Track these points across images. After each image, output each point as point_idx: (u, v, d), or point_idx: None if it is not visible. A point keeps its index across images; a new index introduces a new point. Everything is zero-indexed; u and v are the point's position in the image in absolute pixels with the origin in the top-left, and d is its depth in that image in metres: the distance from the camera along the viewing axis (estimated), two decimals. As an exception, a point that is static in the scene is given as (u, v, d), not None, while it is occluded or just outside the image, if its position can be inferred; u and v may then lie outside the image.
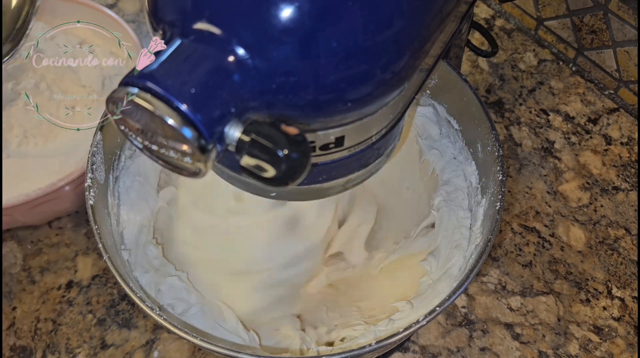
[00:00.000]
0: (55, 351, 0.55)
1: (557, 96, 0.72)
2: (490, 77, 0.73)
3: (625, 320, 0.57)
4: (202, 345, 0.37)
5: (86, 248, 0.61)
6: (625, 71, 0.68)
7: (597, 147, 0.68)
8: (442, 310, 0.38)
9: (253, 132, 0.24)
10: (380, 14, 0.25)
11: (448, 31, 0.31)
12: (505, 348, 0.55)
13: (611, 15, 0.65)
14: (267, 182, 0.25)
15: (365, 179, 0.37)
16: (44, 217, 0.60)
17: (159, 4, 0.27)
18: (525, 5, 0.75)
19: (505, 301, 0.58)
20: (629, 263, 0.60)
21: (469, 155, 0.50)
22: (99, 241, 0.41)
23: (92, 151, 0.45)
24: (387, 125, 0.33)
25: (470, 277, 0.39)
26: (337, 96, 0.26)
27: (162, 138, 0.24)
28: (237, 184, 0.35)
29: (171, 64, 0.24)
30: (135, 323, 0.56)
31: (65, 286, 0.58)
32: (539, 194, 0.64)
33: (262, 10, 0.24)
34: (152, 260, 0.48)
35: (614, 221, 0.62)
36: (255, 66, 0.24)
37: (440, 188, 0.52)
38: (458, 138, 0.52)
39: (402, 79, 0.28)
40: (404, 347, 0.55)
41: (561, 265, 0.60)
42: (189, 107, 0.23)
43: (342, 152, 0.31)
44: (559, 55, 0.75)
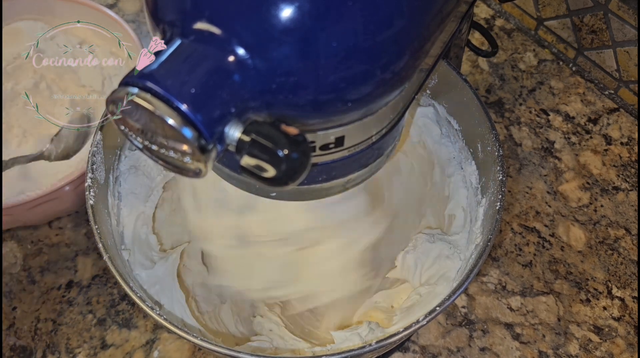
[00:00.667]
0: (55, 351, 0.55)
1: (557, 96, 0.72)
2: (490, 77, 0.73)
3: (625, 320, 0.57)
4: (202, 345, 0.37)
5: (86, 248, 0.61)
6: (625, 71, 0.68)
7: (597, 147, 0.68)
8: (442, 310, 0.38)
9: (253, 132, 0.24)
10: (380, 14, 0.25)
11: (448, 31, 0.31)
12: (505, 348, 0.55)
13: (611, 15, 0.65)
14: (267, 182, 0.25)
15: (365, 179, 0.37)
16: (44, 217, 0.60)
17: (159, 4, 0.27)
18: (525, 5, 0.75)
19: (505, 301, 0.58)
20: (629, 263, 0.60)
21: (469, 155, 0.50)
22: (99, 241, 0.41)
23: (92, 151, 0.45)
24: (387, 125, 0.33)
25: (470, 277, 0.39)
26: (337, 96, 0.26)
27: (162, 138, 0.24)
28: (237, 184, 0.35)
29: (171, 64, 0.24)
30: (135, 323, 0.56)
31: (65, 286, 0.58)
32: (539, 194, 0.64)
33: (262, 10, 0.24)
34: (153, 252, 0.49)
35: (614, 221, 0.62)
36: (255, 66, 0.24)
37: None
38: (458, 138, 0.52)
39: (402, 79, 0.28)
40: (404, 347, 0.55)
41: (561, 265, 0.60)
42: (189, 107, 0.23)
43: (342, 152, 0.31)
44: (559, 55, 0.75)
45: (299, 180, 0.25)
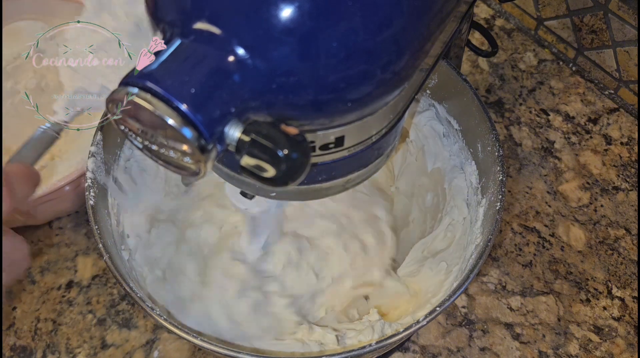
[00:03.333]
0: (55, 351, 0.55)
1: (557, 96, 0.72)
2: (490, 77, 0.73)
3: (625, 320, 0.57)
4: (202, 345, 0.37)
5: (86, 248, 0.61)
6: (625, 71, 0.68)
7: (597, 147, 0.68)
8: (442, 310, 0.38)
9: (253, 132, 0.24)
10: (380, 14, 0.25)
11: (448, 31, 0.31)
12: (505, 348, 0.55)
13: (611, 15, 0.65)
14: (267, 182, 0.25)
15: (365, 179, 0.37)
16: (44, 217, 0.60)
17: (159, 4, 0.27)
18: (525, 5, 0.75)
19: (505, 301, 0.58)
20: (629, 263, 0.60)
21: (469, 155, 0.50)
22: (99, 241, 0.41)
23: (92, 151, 0.45)
24: (387, 125, 0.33)
25: (470, 277, 0.39)
26: (337, 96, 0.26)
27: (162, 138, 0.24)
28: (237, 184, 0.35)
29: (171, 64, 0.24)
30: (135, 323, 0.56)
31: (65, 286, 0.58)
32: (539, 194, 0.64)
33: (262, 10, 0.24)
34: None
35: (614, 221, 0.62)
36: (255, 66, 0.24)
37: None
38: (458, 138, 0.52)
39: (402, 79, 0.28)
40: (404, 347, 0.55)
41: (561, 265, 0.60)
42: (189, 107, 0.23)
43: (342, 152, 0.31)
44: (559, 55, 0.75)
45: (299, 180, 0.25)
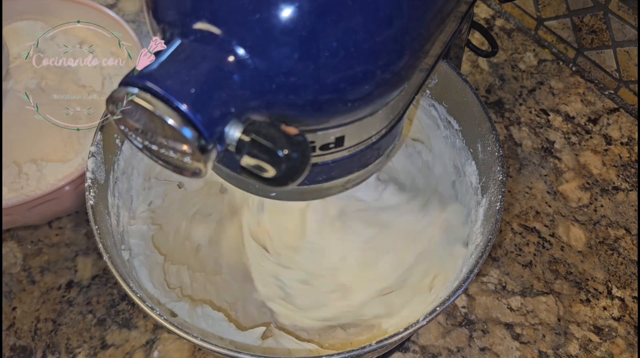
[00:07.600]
0: (55, 351, 0.55)
1: (557, 96, 0.72)
2: (490, 77, 0.73)
3: (625, 320, 0.57)
4: (202, 345, 0.37)
5: (86, 248, 0.61)
6: (625, 71, 0.68)
7: (597, 147, 0.68)
8: (442, 310, 0.38)
9: (253, 132, 0.24)
10: (380, 14, 0.25)
11: (448, 31, 0.31)
12: (505, 348, 0.55)
13: (611, 15, 0.65)
14: (267, 182, 0.25)
15: (365, 180, 0.37)
16: (44, 217, 0.60)
17: (159, 4, 0.27)
18: (525, 5, 0.75)
19: (505, 301, 0.58)
20: (629, 263, 0.60)
21: (469, 155, 0.50)
22: (99, 241, 0.41)
23: (92, 151, 0.45)
24: (387, 125, 0.33)
25: (470, 277, 0.39)
26: (337, 96, 0.26)
27: (162, 138, 0.24)
28: (237, 184, 0.35)
29: (171, 64, 0.24)
30: (135, 323, 0.56)
31: (65, 286, 0.58)
32: (539, 194, 0.64)
33: (262, 10, 0.24)
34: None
35: (614, 221, 0.62)
36: (255, 66, 0.24)
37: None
38: (458, 138, 0.52)
39: (402, 79, 0.28)
40: (404, 347, 0.55)
41: (561, 265, 0.60)
42: (189, 107, 0.23)
43: (342, 152, 0.31)
44: (559, 55, 0.75)
45: (299, 180, 0.25)
